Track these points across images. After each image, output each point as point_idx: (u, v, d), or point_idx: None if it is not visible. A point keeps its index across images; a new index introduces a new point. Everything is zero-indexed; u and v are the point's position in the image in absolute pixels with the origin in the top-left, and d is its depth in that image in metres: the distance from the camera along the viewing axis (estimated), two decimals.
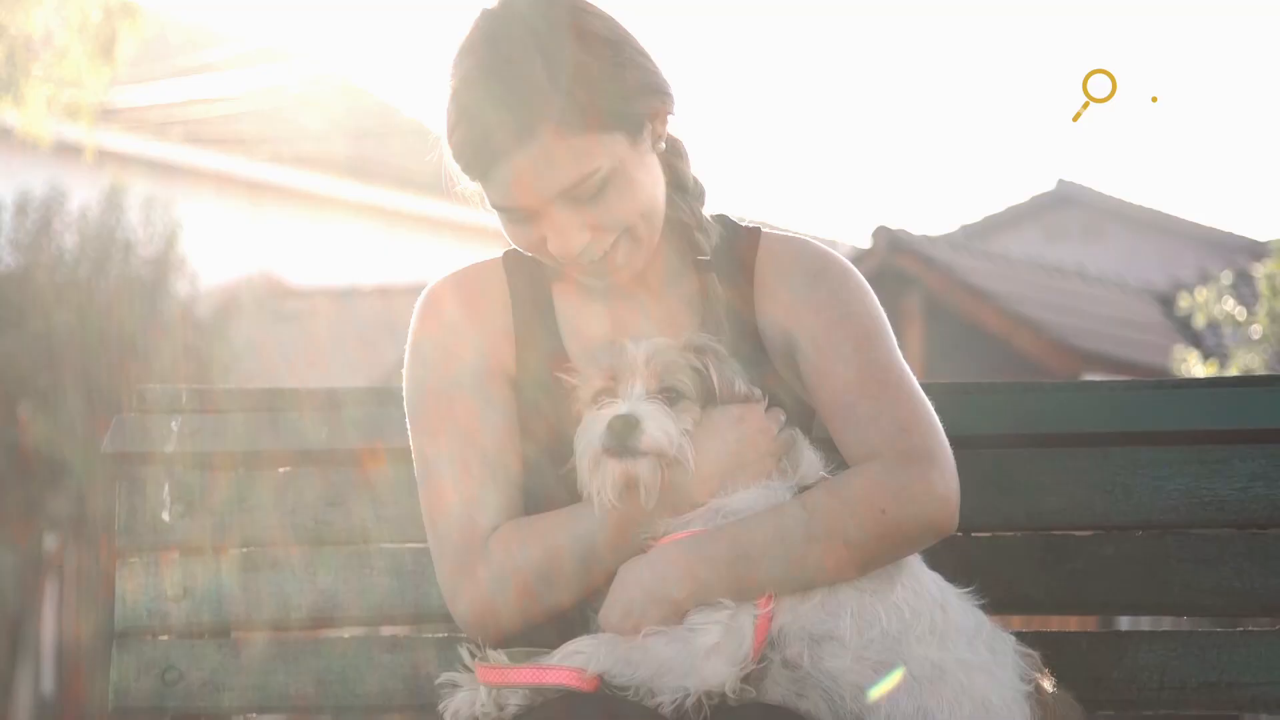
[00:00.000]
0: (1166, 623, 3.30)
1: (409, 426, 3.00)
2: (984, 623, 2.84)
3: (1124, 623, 11.66)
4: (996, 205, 32.31)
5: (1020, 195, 28.74)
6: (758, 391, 2.87)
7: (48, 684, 19.36)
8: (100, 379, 17.24)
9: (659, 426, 2.77)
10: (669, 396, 2.81)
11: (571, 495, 2.87)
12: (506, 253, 3.07)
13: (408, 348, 3.01)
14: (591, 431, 2.79)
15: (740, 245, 3.05)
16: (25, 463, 17.15)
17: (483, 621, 2.88)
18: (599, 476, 2.79)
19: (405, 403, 3.01)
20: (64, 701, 19.08)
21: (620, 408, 2.78)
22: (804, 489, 2.83)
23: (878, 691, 2.73)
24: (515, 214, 2.87)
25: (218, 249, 22.05)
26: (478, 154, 2.84)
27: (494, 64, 2.82)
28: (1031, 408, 3.23)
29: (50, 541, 18.49)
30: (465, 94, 2.84)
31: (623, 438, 2.76)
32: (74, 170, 18.72)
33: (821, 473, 2.86)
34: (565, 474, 2.86)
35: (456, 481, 2.92)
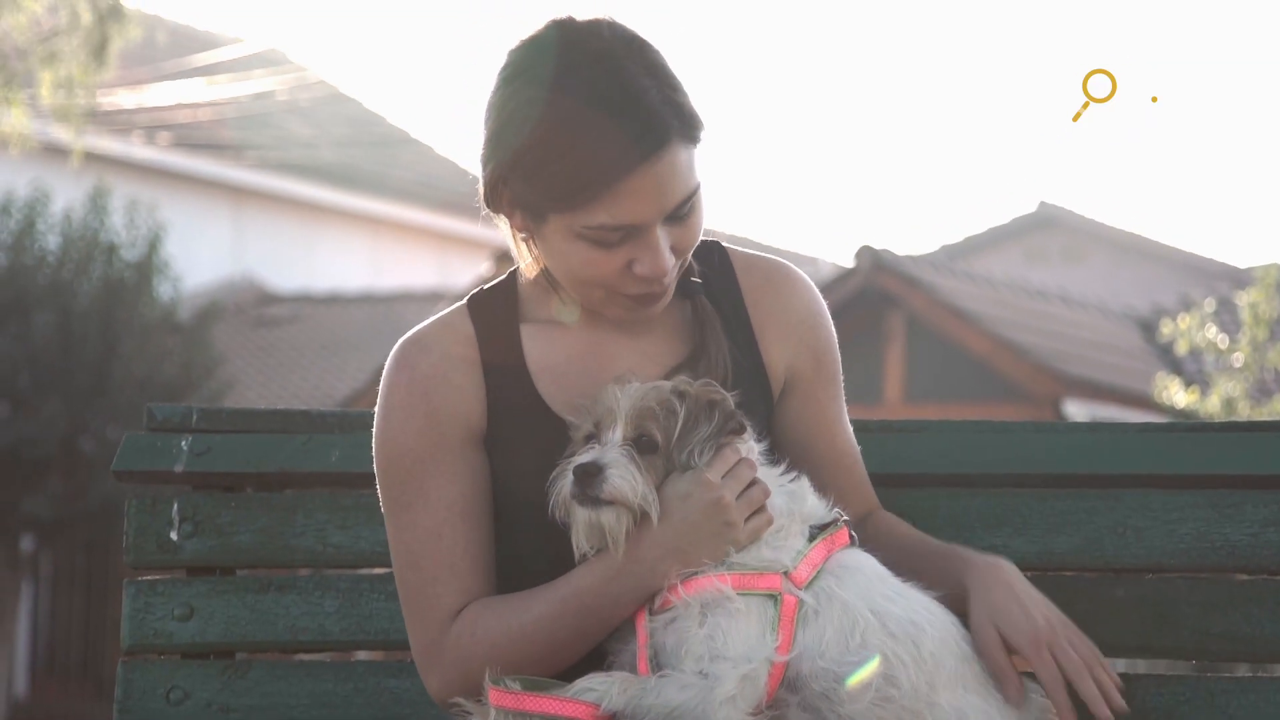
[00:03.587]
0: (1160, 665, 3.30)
1: (379, 492, 2.98)
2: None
3: None
4: (978, 226, 32.37)
5: (1002, 216, 28.78)
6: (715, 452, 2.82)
7: (20, 685, 19.32)
8: (81, 380, 17.21)
9: (621, 475, 2.75)
10: (642, 445, 2.79)
11: (547, 546, 2.86)
12: (470, 299, 3.03)
13: (377, 410, 2.98)
14: (563, 479, 2.79)
15: (715, 268, 3.05)
16: (3, 463, 17.11)
17: (450, 702, 2.88)
18: (573, 525, 2.79)
19: (375, 468, 2.98)
20: (35, 703, 19.04)
21: (586, 455, 2.78)
22: (819, 527, 2.84)
23: (855, 679, 2.73)
24: (615, 234, 2.82)
25: (201, 253, 22.03)
26: (604, 172, 2.77)
27: (607, 83, 2.78)
28: (1044, 447, 3.23)
29: (28, 543, 18.45)
30: (582, 116, 2.77)
31: (585, 485, 2.75)
32: (58, 171, 18.70)
33: (835, 513, 2.86)
34: (548, 521, 2.83)
35: (425, 559, 2.91)
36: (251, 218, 23.32)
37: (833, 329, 3.08)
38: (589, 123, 2.78)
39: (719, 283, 3.03)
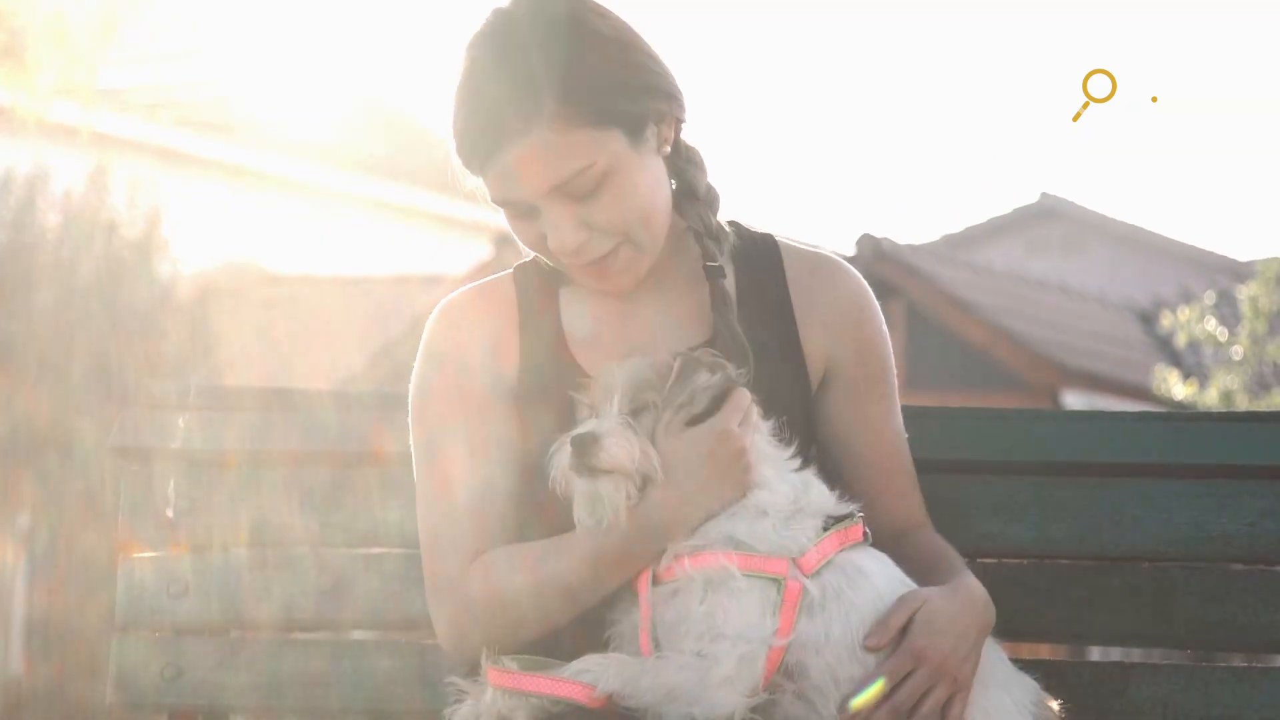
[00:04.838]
0: (1156, 655, 3.31)
1: (411, 440, 3.01)
2: (1006, 666, 2.85)
3: (1095, 652, 11.68)
4: (979, 216, 32.38)
5: (1003, 206, 28.78)
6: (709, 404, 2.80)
7: (15, 662, 19.33)
8: (80, 359, 17.21)
9: (618, 443, 2.74)
10: (641, 415, 2.78)
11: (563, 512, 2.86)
12: (518, 266, 3.07)
13: (416, 358, 3.02)
14: (560, 452, 2.79)
15: (762, 254, 3.05)
16: (1, 440, 17.11)
17: (456, 647, 2.91)
18: (574, 496, 2.79)
19: (409, 415, 3.02)
20: (30, 680, 19.05)
21: (582, 426, 2.78)
22: (835, 519, 2.82)
23: (859, 701, 2.72)
24: (514, 208, 2.88)
25: (202, 233, 22.02)
26: (476, 145, 2.85)
27: (495, 56, 2.83)
28: (1042, 436, 3.23)
29: (24, 519, 18.47)
30: (466, 85, 2.85)
31: (582, 456, 2.75)
32: (59, 149, 18.68)
33: (848, 509, 2.84)
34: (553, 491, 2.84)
35: (448, 506, 2.93)
36: (253, 198, 23.31)
37: (884, 329, 3.05)
38: (468, 97, 2.86)
39: (760, 266, 3.03)
